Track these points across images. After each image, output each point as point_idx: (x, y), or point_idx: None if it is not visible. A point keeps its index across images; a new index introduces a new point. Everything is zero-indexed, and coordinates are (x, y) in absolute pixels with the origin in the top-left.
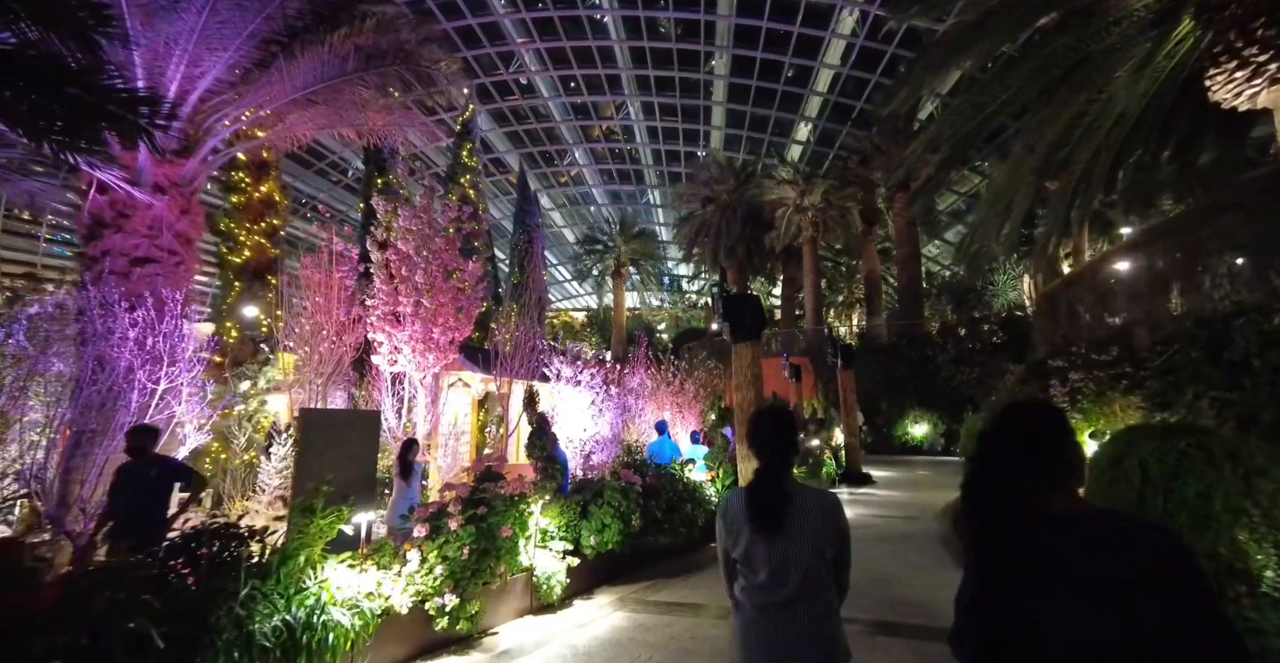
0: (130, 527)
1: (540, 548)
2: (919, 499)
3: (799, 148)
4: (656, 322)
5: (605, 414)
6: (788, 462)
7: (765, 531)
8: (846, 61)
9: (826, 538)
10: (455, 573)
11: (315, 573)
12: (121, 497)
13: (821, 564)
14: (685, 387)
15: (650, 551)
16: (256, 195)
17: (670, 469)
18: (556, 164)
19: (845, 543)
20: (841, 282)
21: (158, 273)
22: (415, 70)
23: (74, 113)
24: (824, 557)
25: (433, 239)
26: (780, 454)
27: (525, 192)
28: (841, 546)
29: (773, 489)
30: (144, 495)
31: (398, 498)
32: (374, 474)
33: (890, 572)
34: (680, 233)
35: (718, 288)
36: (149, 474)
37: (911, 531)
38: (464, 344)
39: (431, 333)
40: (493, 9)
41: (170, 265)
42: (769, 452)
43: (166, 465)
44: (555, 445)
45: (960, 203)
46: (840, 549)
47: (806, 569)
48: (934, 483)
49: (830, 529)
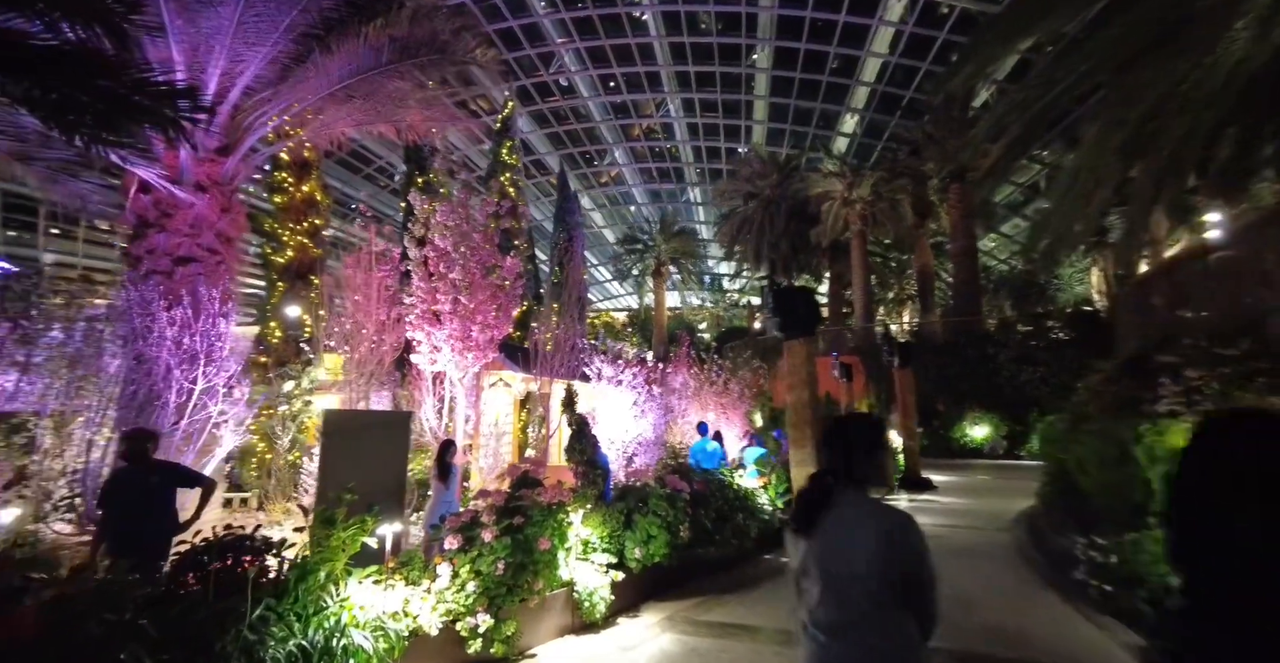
0: (128, 539)
1: (581, 561)
2: (986, 507)
3: (844, 141)
4: (698, 321)
5: (647, 415)
6: (844, 470)
7: (806, 536)
8: (895, 49)
9: (888, 558)
10: (489, 589)
11: (337, 590)
12: (117, 506)
13: (883, 587)
14: (729, 387)
15: (699, 563)
16: (299, 195)
17: (719, 475)
18: (596, 164)
19: (920, 565)
20: (892, 278)
21: (199, 272)
22: (450, 60)
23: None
24: (886, 579)
25: (470, 235)
26: (831, 460)
27: (565, 190)
28: (915, 567)
29: (814, 492)
30: (144, 504)
31: (435, 501)
32: (403, 481)
33: (970, 593)
34: (721, 230)
35: (766, 281)
36: (149, 481)
37: (984, 543)
38: (504, 343)
39: (470, 331)
40: (533, 10)
41: (211, 264)
42: (824, 457)
43: (170, 471)
44: (597, 449)
45: (1018, 195)
46: (914, 571)
47: (858, 590)
48: (999, 489)
49: (894, 550)
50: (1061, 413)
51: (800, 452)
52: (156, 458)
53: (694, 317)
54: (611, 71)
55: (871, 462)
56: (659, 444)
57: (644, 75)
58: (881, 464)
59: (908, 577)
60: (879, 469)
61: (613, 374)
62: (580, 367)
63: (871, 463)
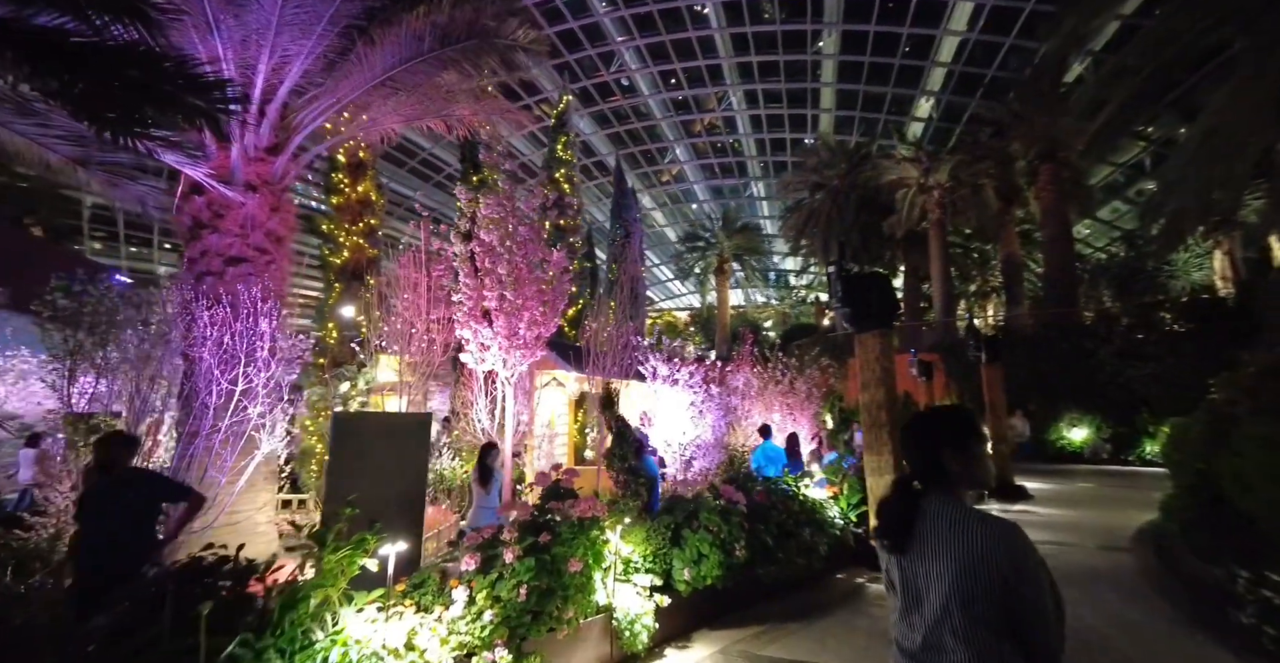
0: (99, 559)
1: (621, 581)
2: (1094, 521)
3: (919, 126)
4: (763, 319)
5: (706, 416)
6: (930, 472)
7: (891, 549)
8: (975, 25)
9: (982, 578)
10: (510, 618)
11: (331, 621)
12: (87, 522)
13: (977, 613)
14: (796, 386)
15: (759, 585)
16: (354, 196)
17: (783, 484)
18: (658, 162)
19: (1031, 587)
20: (974, 269)
21: (250, 272)
22: (492, 44)
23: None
24: (980, 604)
25: (516, 229)
26: (915, 462)
27: (621, 185)
28: (1024, 590)
29: (898, 500)
30: (118, 520)
31: (477, 507)
32: (423, 491)
33: (1094, 629)
34: (787, 224)
35: (834, 266)
36: (124, 494)
37: (1102, 566)
38: (557, 342)
39: (517, 329)
40: (593, 10)
41: (261, 264)
42: (907, 459)
43: (149, 482)
44: (641, 454)
45: (1119, 176)
46: (1023, 595)
47: (947, 615)
48: (1106, 499)
49: (990, 568)
50: (1186, 414)
51: (876, 458)
52: (135, 467)
53: (759, 315)
54: (672, 67)
55: (963, 460)
56: (719, 447)
57: (705, 69)
58: (974, 463)
59: (1013, 602)
60: (972, 468)
61: (668, 373)
62: (634, 365)
63: (963, 462)
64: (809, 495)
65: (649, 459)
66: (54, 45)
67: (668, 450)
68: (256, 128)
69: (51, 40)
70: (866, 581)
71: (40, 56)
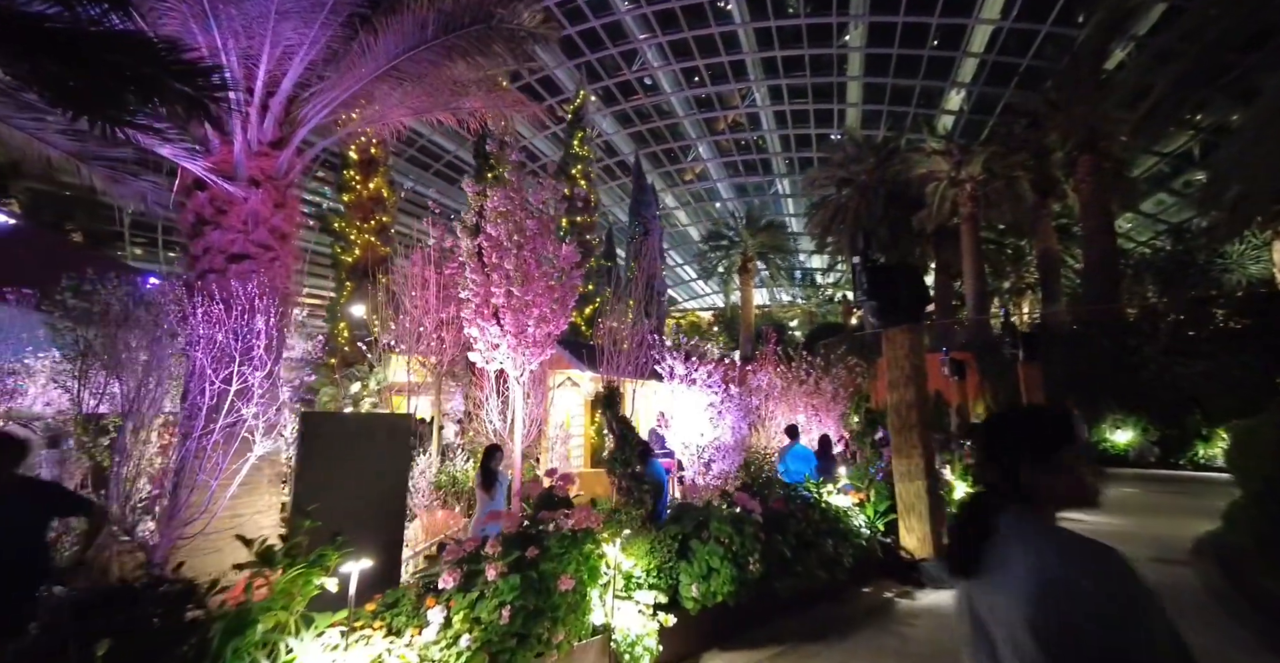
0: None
1: (621, 599)
2: (1147, 530)
3: (949, 119)
4: (788, 318)
5: (725, 417)
6: (1008, 485)
7: (953, 572)
8: (1009, 13)
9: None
10: (491, 643)
11: (285, 649)
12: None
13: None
14: (821, 386)
15: (776, 600)
16: (365, 193)
17: (803, 491)
18: (680, 161)
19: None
20: (1008, 265)
21: (252, 269)
22: (498, 31)
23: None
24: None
25: (524, 222)
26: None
27: (640, 181)
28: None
29: (969, 518)
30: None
31: (480, 513)
32: (404, 499)
33: None
34: (812, 221)
35: (860, 257)
36: (3, 506)
37: (1161, 582)
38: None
39: (525, 326)
40: (614, 8)
41: (265, 261)
42: (981, 469)
43: (37, 493)
44: (646, 459)
45: (1164, 166)
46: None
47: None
48: (1158, 507)
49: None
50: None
51: (905, 462)
52: (23, 475)
53: (784, 314)
54: (694, 64)
55: (1048, 474)
56: (739, 449)
57: (728, 65)
58: (1063, 477)
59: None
60: (1062, 484)
61: (685, 373)
62: (651, 364)
63: (1048, 476)
64: (832, 503)
65: (656, 464)
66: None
67: (685, 452)
68: (260, 121)
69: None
70: (895, 595)
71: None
